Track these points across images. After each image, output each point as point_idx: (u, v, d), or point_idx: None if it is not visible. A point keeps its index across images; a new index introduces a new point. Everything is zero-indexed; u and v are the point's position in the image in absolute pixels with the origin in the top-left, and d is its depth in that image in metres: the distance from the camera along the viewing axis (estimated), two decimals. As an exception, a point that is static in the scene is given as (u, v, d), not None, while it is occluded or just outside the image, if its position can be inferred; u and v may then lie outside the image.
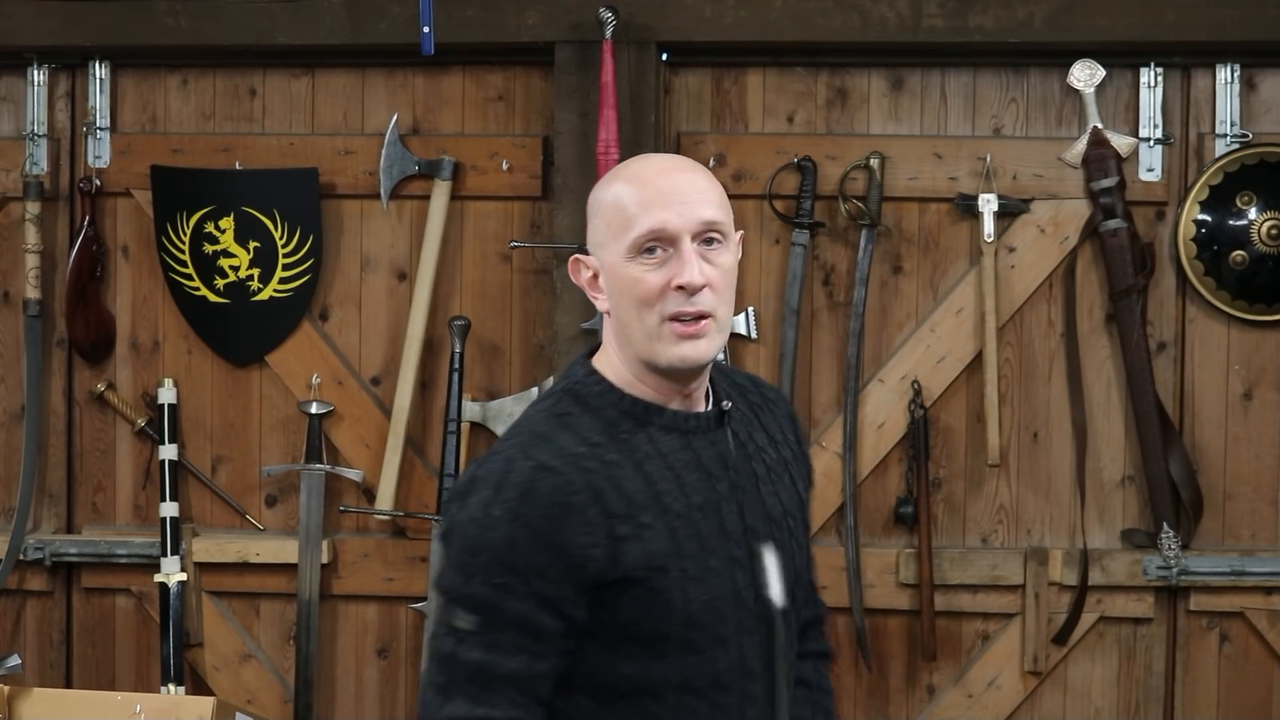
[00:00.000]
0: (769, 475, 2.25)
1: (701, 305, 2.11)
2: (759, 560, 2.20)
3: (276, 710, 4.33)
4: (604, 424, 2.16)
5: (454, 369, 4.19)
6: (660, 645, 2.12)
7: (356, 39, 4.17)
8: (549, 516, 2.06)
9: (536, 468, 2.09)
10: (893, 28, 4.05)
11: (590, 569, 2.07)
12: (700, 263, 2.11)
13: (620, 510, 2.09)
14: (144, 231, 4.37)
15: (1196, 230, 4.12)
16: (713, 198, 2.14)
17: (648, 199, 2.12)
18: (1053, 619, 4.16)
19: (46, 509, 4.43)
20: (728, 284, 2.15)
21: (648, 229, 2.10)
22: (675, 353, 2.12)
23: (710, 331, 2.12)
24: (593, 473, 2.10)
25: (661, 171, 2.17)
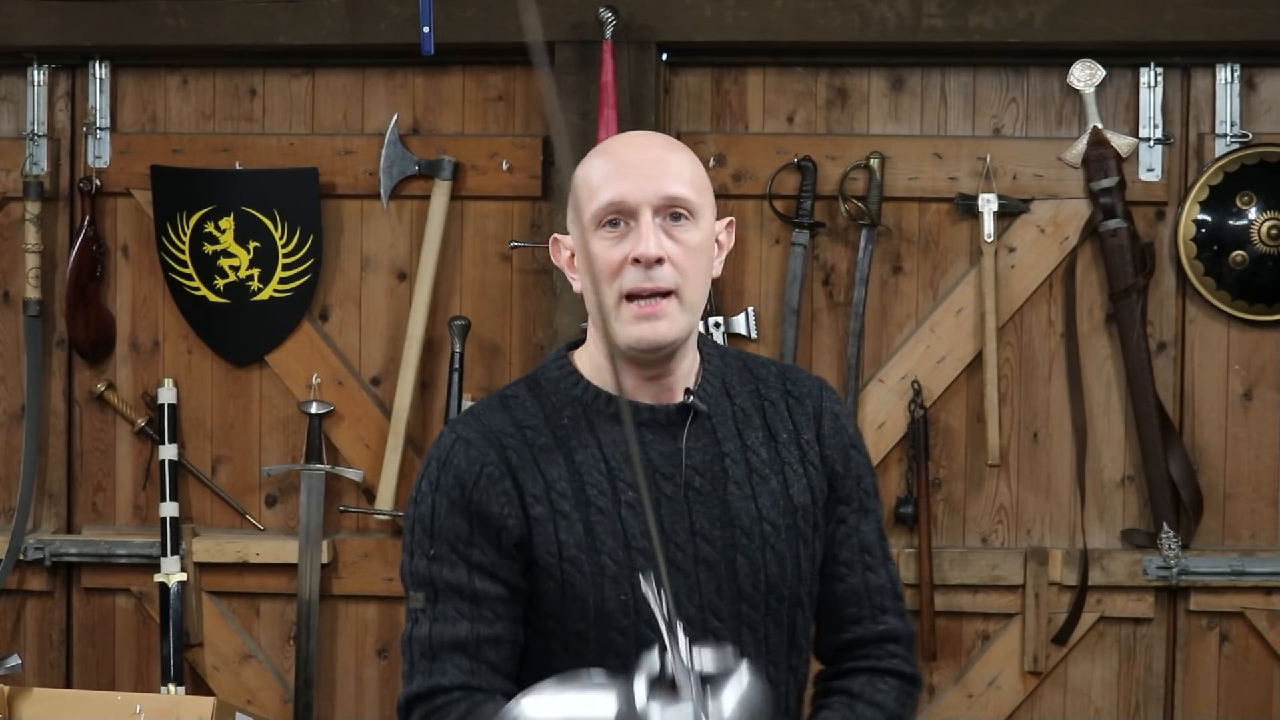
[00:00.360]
0: (747, 477, 2.16)
1: (659, 281, 2.06)
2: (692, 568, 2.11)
3: (276, 710, 4.33)
4: (547, 410, 2.15)
5: (454, 369, 4.20)
6: (577, 643, 2.11)
7: (356, 39, 4.17)
8: (462, 485, 2.10)
9: (457, 440, 2.13)
10: (893, 28, 4.05)
11: (509, 536, 2.10)
12: (661, 237, 2.06)
13: (536, 491, 2.10)
14: (144, 231, 4.37)
15: (1196, 230, 4.12)
16: (682, 175, 2.10)
17: (611, 171, 2.10)
18: (1053, 619, 4.16)
19: (46, 509, 4.43)
20: (693, 262, 2.09)
21: (607, 200, 2.08)
22: (631, 333, 2.08)
23: (670, 312, 2.07)
24: (512, 450, 2.11)
25: (630, 146, 2.17)
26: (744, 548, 2.14)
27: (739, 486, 2.15)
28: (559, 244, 2.22)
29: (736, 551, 2.14)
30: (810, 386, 2.26)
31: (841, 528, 2.25)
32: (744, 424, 2.19)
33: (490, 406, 2.18)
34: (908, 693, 2.26)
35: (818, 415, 2.24)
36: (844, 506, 2.25)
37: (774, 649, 2.18)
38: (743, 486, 2.15)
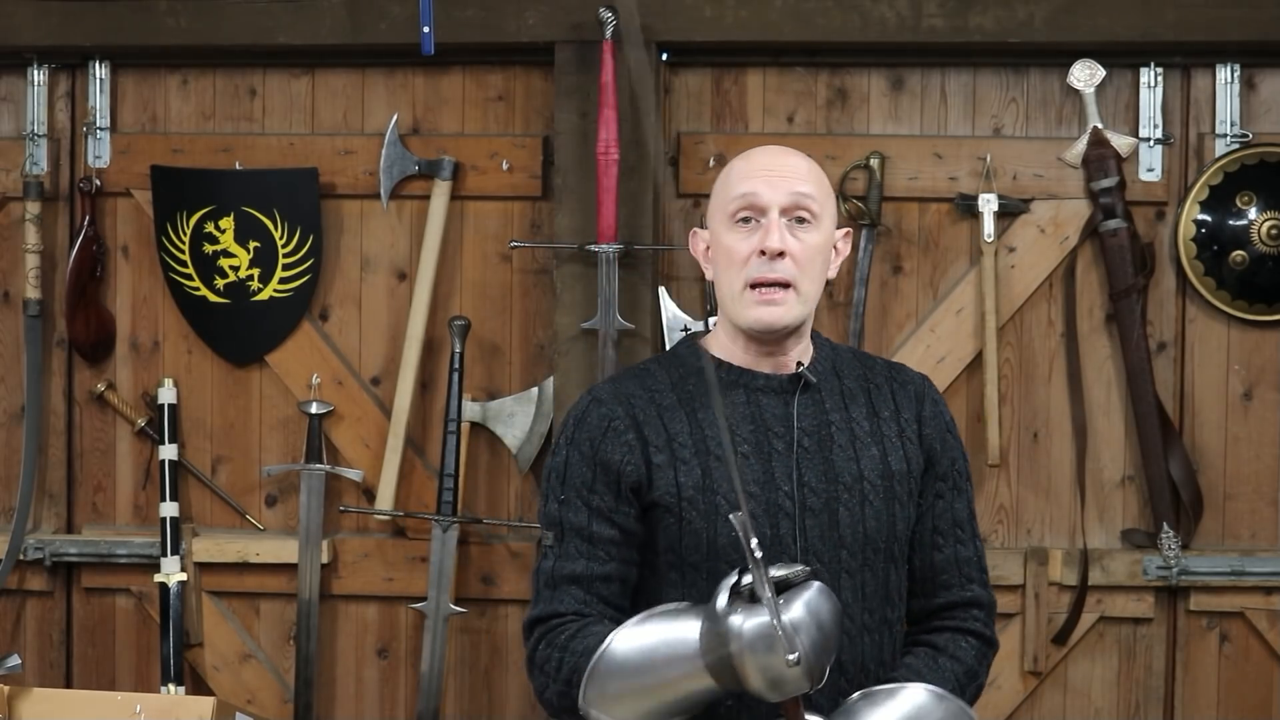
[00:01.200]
0: (850, 442, 2.44)
1: (780, 272, 2.36)
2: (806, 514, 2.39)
3: (276, 710, 4.33)
4: (674, 379, 2.47)
5: (454, 369, 4.19)
6: (690, 575, 2.40)
7: (356, 39, 4.17)
8: (592, 439, 2.43)
9: (591, 401, 2.47)
10: (893, 28, 4.05)
11: (627, 481, 2.40)
12: (785, 234, 2.36)
13: (659, 442, 2.41)
14: (144, 231, 4.37)
15: (1196, 230, 4.12)
16: (809, 177, 2.41)
17: (747, 172, 2.41)
18: (1053, 619, 4.16)
19: (46, 509, 4.43)
20: (811, 259, 2.38)
21: (740, 194, 2.38)
22: (753, 314, 2.38)
23: (789, 300, 2.38)
24: (639, 409, 2.43)
25: (767, 153, 2.46)
26: (845, 501, 2.42)
27: (843, 449, 2.44)
28: (698, 236, 2.51)
29: (839, 504, 2.42)
30: (914, 377, 2.57)
31: (939, 503, 2.52)
32: (850, 400, 2.48)
33: (624, 375, 2.53)
34: (984, 653, 2.53)
35: (919, 399, 2.53)
36: (941, 483, 2.52)
37: (870, 597, 2.44)
38: (846, 449, 2.44)
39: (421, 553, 4.25)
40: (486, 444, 4.29)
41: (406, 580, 4.29)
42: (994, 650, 2.56)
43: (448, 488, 4.17)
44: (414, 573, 4.28)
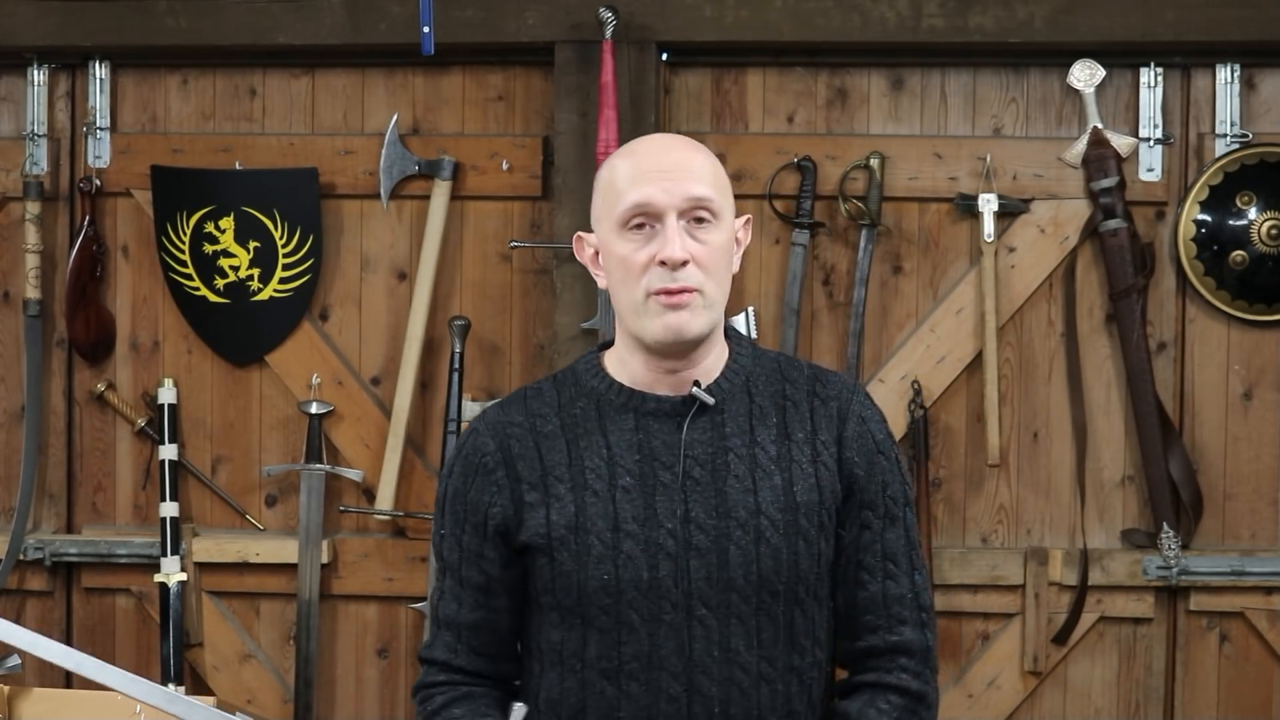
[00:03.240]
0: (750, 471, 2.20)
1: (685, 281, 2.14)
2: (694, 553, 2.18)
3: (276, 710, 4.33)
4: (563, 401, 2.26)
5: (454, 369, 4.19)
6: (568, 618, 2.23)
7: (356, 39, 4.17)
8: (464, 474, 2.26)
9: (471, 431, 2.28)
10: (893, 28, 4.05)
11: (493, 524, 2.23)
12: (685, 239, 2.14)
13: (532, 478, 2.22)
14: (144, 231, 4.37)
15: (1196, 230, 4.12)
16: (704, 176, 2.18)
17: (637, 174, 2.17)
18: (1053, 619, 4.16)
19: (46, 509, 4.43)
20: (716, 261, 2.18)
21: (633, 203, 2.16)
22: (660, 323, 2.16)
23: (695, 305, 2.16)
24: (516, 440, 2.24)
25: (655, 149, 2.22)
26: (737, 539, 2.18)
27: (739, 480, 2.20)
28: (583, 241, 2.29)
29: (729, 542, 2.18)
30: (840, 389, 2.29)
31: (865, 533, 2.26)
32: (758, 420, 2.23)
33: (513, 398, 2.31)
34: (911, 710, 2.24)
35: (842, 417, 2.26)
36: (868, 512, 2.26)
37: (766, 644, 2.21)
38: (743, 480, 2.20)
39: (421, 553, 4.25)
40: (486, 444, 4.28)
41: (406, 580, 4.29)
42: (926, 705, 2.25)
43: (448, 488, 4.16)
44: (414, 573, 4.28)
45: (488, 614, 2.28)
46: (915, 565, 2.28)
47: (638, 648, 2.19)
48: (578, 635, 2.22)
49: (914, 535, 2.30)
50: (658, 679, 2.19)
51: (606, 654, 2.20)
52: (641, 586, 2.17)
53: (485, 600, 2.27)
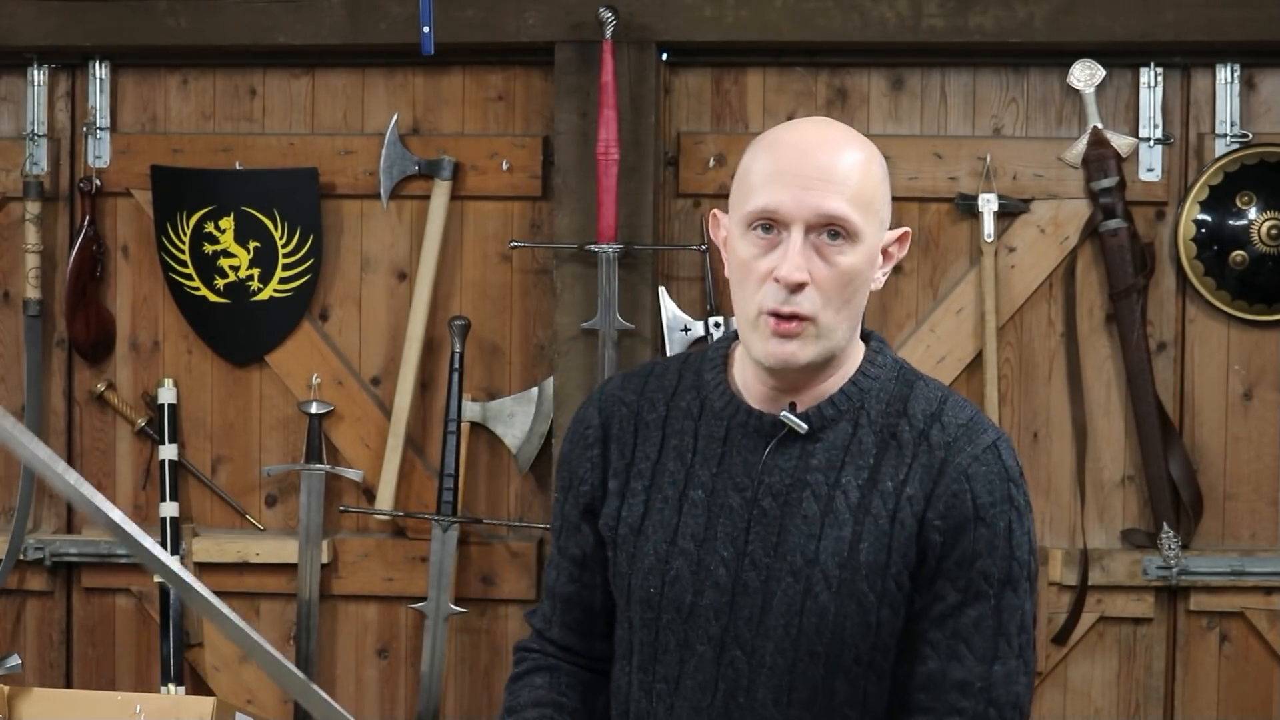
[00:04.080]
0: (821, 514, 1.97)
1: (796, 306, 1.93)
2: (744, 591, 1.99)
3: (276, 710, 4.33)
4: (681, 387, 2.10)
5: (454, 369, 4.19)
6: (623, 617, 2.13)
7: (356, 39, 4.17)
8: (570, 442, 2.17)
9: (590, 398, 2.18)
10: (893, 28, 4.05)
11: (583, 501, 2.14)
12: (811, 257, 1.93)
13: (618, 465, 2.10)
14: (144, 231, 4.37)
15: (1196, 230, 4.12)
16: (847, 188, 1.96)
17: (772, 173, 1.96)
18: (1053, 619, 4.16)
19: (46, 509, 4.43)
20: (840, 288, 1.94)
21: (759, 206, 1.95)
22: (764, 348, 1.96)
23: (806, 335, 1.94)
24: (618, 421, 2.11)
25: (800, 146, 1.99)
26: (786, 586, 1.98)
27: (806, 521, 1.98)
28: (718, 221, 2.09)
29: (778, 587, 1.98)
30: (956, 434, 1.99)
31: (938, 604, 1.98)
32: (852, 457, 1.99)
33: (638, 373, 2.16)
34: None
35: (940, 470, 1.97)
36: (946, 583, 1.97)
37: (798, 705, 2.00)
38: (811, 522, 1.98)
39: (421, 553, 4.25)
40: (486, 444, 4.29)
41: (406, 580, 4.28)
42: None
43: (448, 488, 4.17)
44: (414, 573, 4.28)
45: (581, 589, 2.17)
46: (999, 654, 1.96)
47: (668, 670, 2.05)
48: (627, 637, 2.11)
49: (1009, 622, 1.97)
50: (683, 710, 2.04)
51: (644, 666, 2.08)
52: (683, 610, 2.02)
53: (579, 574, 2.17)
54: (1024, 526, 1.99)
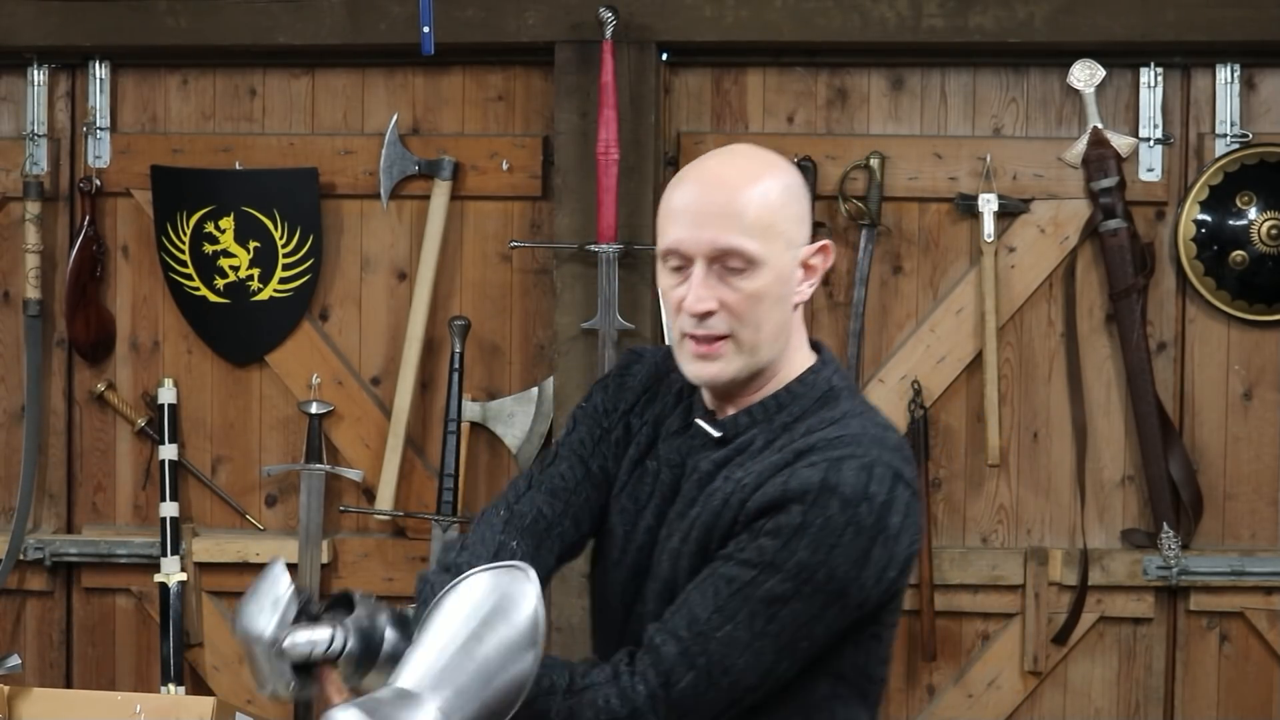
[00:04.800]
0: (690, 501, 2.13)
1: (711, 329, 2.07)
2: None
3: (276, 710, 4.33)
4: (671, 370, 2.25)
5: (454, 369, 4.19)
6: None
7: (356, 39, 4.17)
8: (624, 370, 2.34)
9: (649, 349, 2.37)
10: (893, 28, 4.05)
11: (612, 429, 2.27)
12: (717, 284, 2.05)
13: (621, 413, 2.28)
14: (144, 231, 4.37)
15: (1196, 230, 4.12)
16: (743, 221, 2.04)
17: (675, 210, 2.09)
18: (1053, 619, 4.16)
19: (46, 509, 4.43)
20: (752, 308, 2.06)
21: (666, 245, 2.09)
22: (688, 369, 2.12)
23: (727, 353, 2.08)
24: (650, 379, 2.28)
25: (700, 182, 2.10)
26: (657, 557, 2.16)
27: (682, 502, 2.16)
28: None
29: (644, 555, 2.17)
30: (815, 444, 2.07)
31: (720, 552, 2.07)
32: (742, 457, 2.13)
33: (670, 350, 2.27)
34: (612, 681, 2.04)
35: (781, 467, 2.06)
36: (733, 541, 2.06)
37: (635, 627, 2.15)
38: (684, 504, 2.15)
39: (421, 553, 4.25)
40: (486, 444, 4.29)
41: (406, 580, 4.28)
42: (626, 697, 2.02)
43: (448, 488, 4.17)
44: (414, 573, 4.24)
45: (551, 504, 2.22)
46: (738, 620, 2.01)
47: (612, 616, 2.25)
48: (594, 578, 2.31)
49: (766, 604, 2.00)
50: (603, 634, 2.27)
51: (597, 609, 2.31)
52: (613, 563, 2.22)
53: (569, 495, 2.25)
54: (838, 543, 2.00)
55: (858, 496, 2.00)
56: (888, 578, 2.04)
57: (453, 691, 1.87)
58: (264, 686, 2.01)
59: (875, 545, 2.01)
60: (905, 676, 4.24)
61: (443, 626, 1.91)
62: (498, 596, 1.91)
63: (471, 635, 1.89)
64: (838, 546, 1.99)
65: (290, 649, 1.97)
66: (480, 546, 2.11)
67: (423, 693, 1.86)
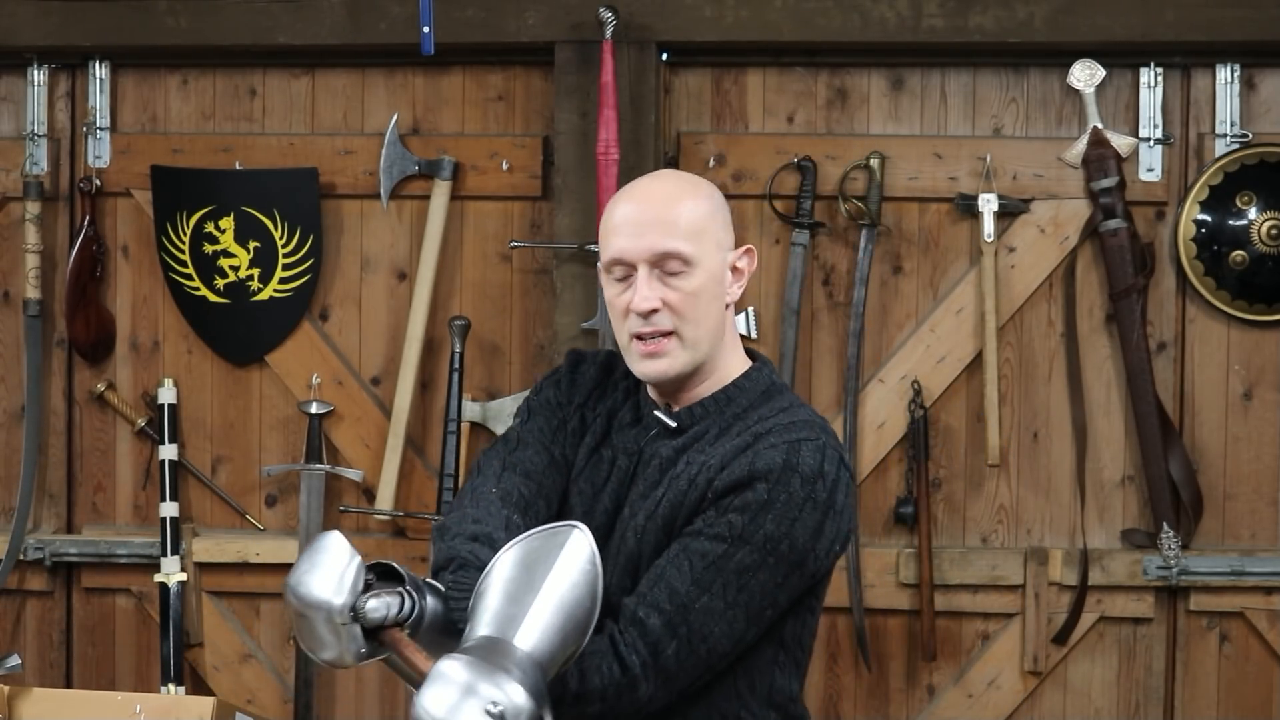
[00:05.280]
0: (653, 484, 2.30)
1: (657, 325, 2.29)
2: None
3: (276, 710, 4.33)
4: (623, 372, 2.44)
5: (454, 369, 4.19)
6: None
7: (356, 39, 4.17)
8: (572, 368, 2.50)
9: (602, 352, 2.53)
10: (893, 28, 4.05)
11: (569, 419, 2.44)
12: (657, 286, 2.28)
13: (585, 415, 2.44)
14: (144, 231, 4.37)
15: (1196, 230, 4.12)
16: (677, 227, 2.28)
17: (616, 225, 2.31)
18: (1053, 619, 4.16)
19: (46, 509, 4.43)
20: (692, 305, 2.29)
21: (611, 256, 2.31)
22: (638, 368, 2.33)
23: (672, 350, 2.30)
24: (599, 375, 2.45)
25: (635, 199, 2.33)
26: (621, 533, 2.32)
27: (646, 485, 2.33)
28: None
29: (614, 532, 2.32)
30: (771, 428, 2.26)
31: (689, 527, 2.25)
32: (699, 444, 2.32)
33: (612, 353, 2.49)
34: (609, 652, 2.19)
35: (744, 448, 2.25)
36: (702, 517, 2.23)
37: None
38: (647, 486, 2.32)
39: (421, 553, 4.25)
40: (486, 444, 4.28)
41: (406, 580, 4.28)
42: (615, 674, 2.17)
43: (448, 488, 4.17)
44: (414, 573, 4.26)
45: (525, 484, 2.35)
46: (713, 590, 2.19)
47: None
48: None
49: (737, 574, 2.19)
50: None
51: None
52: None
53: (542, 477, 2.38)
54: (799, 516, 2.21)
55: (814, 475, 2.22)
56: (834, 550, 2.27)
57: (534, 632, 1.99)
58: (324, 653, 2.06)
59: (827, 519, 2.23)
60: (905, 676, 4.24)
61: (514, 579, 2.03)
62: (558, 548, 2.04)
63: (546, 584, 2.01)
64: (798, 520, 2.21)
65: (369, 615, 2.03)
66: (491, 518, 2.26)
67: (509, 637, 1.98)
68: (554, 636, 2.00)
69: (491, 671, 1.90)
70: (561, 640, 2.01)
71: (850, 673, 4.25)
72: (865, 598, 4.18)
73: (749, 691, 2.31)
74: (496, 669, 1.91)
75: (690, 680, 2.22)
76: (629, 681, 2.17)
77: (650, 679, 2.18)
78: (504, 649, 1.96)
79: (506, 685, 1.89)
